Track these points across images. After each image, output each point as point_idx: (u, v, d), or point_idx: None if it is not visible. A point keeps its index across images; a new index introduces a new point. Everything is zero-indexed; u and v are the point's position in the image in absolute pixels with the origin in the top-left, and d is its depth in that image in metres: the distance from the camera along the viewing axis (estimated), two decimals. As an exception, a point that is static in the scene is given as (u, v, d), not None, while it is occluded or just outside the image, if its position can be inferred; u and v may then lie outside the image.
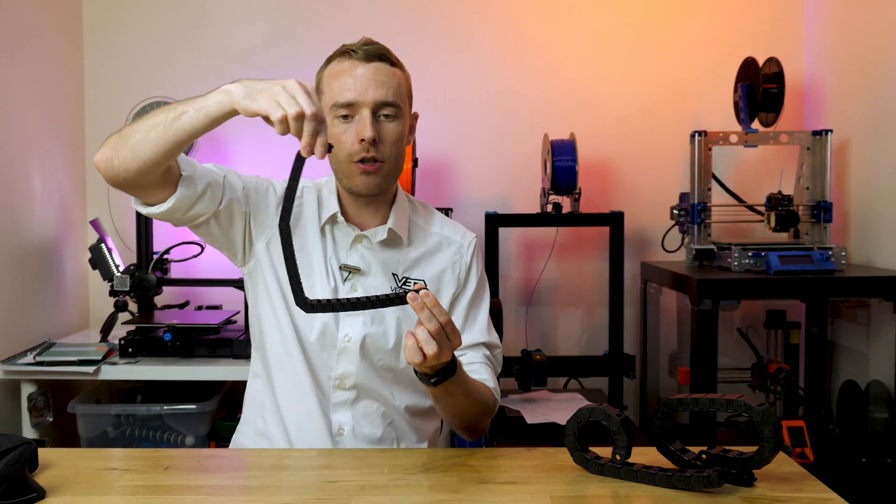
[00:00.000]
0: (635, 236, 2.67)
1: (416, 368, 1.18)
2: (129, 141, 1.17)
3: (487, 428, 1.39)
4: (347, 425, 1.37)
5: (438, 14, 2.68)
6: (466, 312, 1.42)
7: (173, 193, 1.25)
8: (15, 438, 1.07)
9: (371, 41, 1.34)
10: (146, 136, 1.16)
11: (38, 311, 2.34)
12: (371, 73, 1.30)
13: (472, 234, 1.49)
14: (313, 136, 1.07)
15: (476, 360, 1.38)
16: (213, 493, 1.09)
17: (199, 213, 1.30)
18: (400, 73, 1.35)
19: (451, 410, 1.28)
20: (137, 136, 1.16)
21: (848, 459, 2.23)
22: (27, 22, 2.29)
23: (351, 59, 1.31)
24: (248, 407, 1.46)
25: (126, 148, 1.17)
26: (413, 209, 1.46)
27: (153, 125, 1.15)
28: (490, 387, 1.36)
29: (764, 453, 1.05)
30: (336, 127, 1.31)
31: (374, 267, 1.38)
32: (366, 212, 1.39)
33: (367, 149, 1.29)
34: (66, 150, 2.54)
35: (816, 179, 2.35)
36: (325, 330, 1.35)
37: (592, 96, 2.69)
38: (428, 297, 1.09)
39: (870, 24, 2.35)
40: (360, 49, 1.32)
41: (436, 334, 1.09)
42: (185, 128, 1.14)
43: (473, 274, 1.45)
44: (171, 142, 1.15)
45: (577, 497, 1.07)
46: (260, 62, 2.64)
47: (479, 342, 1.41)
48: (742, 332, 2.51)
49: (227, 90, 1.12)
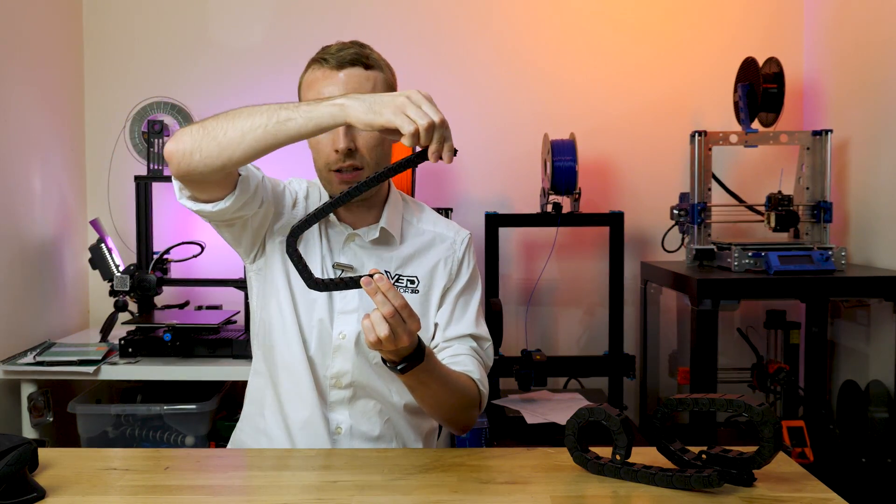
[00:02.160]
0: (635, 236, 2.67)
1: (381, 357, 1.18)
2: (217, 138, 1.15)
3: (474, 422, 1.37)
4: (345, 424, 1.37)
5: (438, 14, 2.68)
6: (454, 304, 1.41)
7: (230, 192, 1.24)
8: (15, 438, 1.06)
9: (345, 45, 1.32)
10: (242, 136, 1.14)
11: (38, 311, 2.34)
12: (342, 82, 1.29)
13: (467, 231, 1.49)
14: (442, 143, 1.08)
15: (462, 352, 1.37)
16: (213, 493, 1.09)
17: (245, 213, 1.30)
18: (376, 75, 1.33)
19: (428, 401, 1.28)
20: (230, 134, 1.14)
21: (848, 459, 2.23)
22: (27, 22, 2.29)
23: (323, 68, 1.31)
24: (248, 404, 1.46)
25: (213, 144, 1.15)
26: (406, 207, 1.47)
27: (251, 127, 1.14)
28: (475, 378, 1.34)
29: (764, 453, 1.05)
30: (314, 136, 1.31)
31: (367, 265, 1.38)
32: (357, 211, 1.40)
33: (342, 159, 1.30)
34: (66, 150, 2.54)
35: (816, 179, 2.35)
36: (321, 328, 1.35)
37: (592, 96, 2.69)
38: (382, 280, 1.09)
39: (870, 24, 2.35)
40: (332, 57, 1.31)
41: (389, 317, 1.09)
42: (291, 134, 1.13)
43: (465, 268, 1.45)
44: (269, 145, 1.15)
45: (577, 497, 1.07)
46: (260, 62, 2.64)
47: (466, 334, 1.40)
48: (742, 332, 2.51)
49: (342, 104, 1.10)
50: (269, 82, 2.63)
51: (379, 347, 1.12)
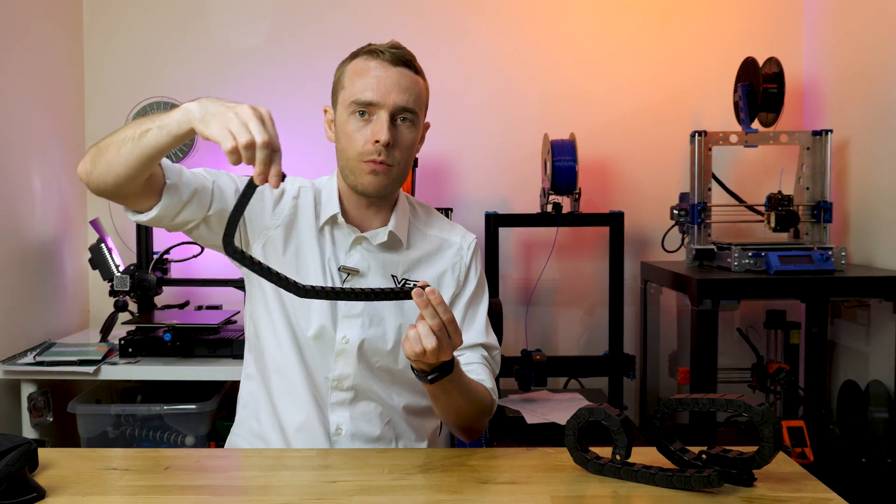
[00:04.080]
0: (635, 236, 2.67)
1: (413, 365, 1.18)
2: (104, 155, 1.18)
3: (485, 428, 1.39)
4: (345, 425, 1.37)
5: (438, 14, 2.68)
6: (464, 313, 1.42)
7: (159, 201, 1.26)
8: (15, 438, 1.07)
9: (399, 45, 1.34)
10: (118, 151, 1.16)
11: (38, 311, 2.34)
12: (395, 77, 1.30)
13: (473, 235, 1.49)
14: (266, 165, 1.04)
15: (474, 361, 1.38)
16: (213, 493, 1.09)
17: (187, 219, 1.30)
18: (422, 82, 1.35)
19: (448, 409, 1.28)
20: (111, 150, 1.16)
21: (848, 459, 2.23)
22: (27, 22, 2.29)
23: (377, 60, 1.31)
24: (241, 409, 1.46)
25: (101, 161, 1.18)
26: (413, 212, 1.46)
27: (123, 140, 1.15)
28: (488, 387, 1.35)
29: (764, 453, 1.05)
30: (351, 124, 1.31)
31: (373, 268, 1.38)
32: (367, 213, 1.39)
33: (379, 151, 1.29)
34: (66, 150, 2.54)
35: (816, 179, 2.35)
36: (323, 332, 1.35)
37: (592, 96, 2.69)
38: (434, 294, 1.10)
39: (870, 24, 2.35)
40: (387, 51, 1.32)
41: (437, 330, 1.10)
42: (152, 144, 1.14)
43: (473, 275, 1.45)
44: (139, 157, 1.15)
45: (577, 497, 1.07)
46: (260, 62, 2.64)
47: (477, 343, 1.41)
48: (742, 332, 2.51)
49: (188, 109, 1.12)
50: (269, 82, 2.63)
51: (421, 358, 1.13)
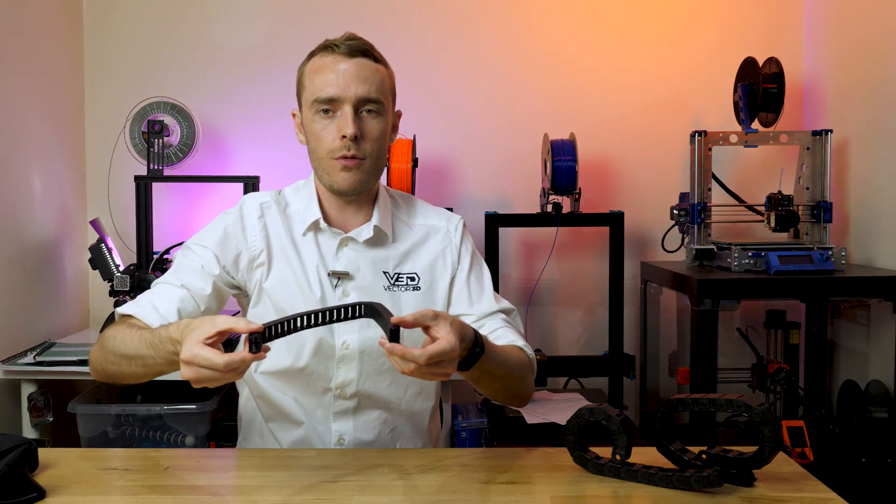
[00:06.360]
0: (635, 236, 2.67)
1: None
2: (110, 364, 1.22)
3: (532, 389, 1.35)
4: (349, 434, 1.36)
5: (438, 14, 2.67)
6: (468, 286, 1.40)
7: None
8: (15, 438, 1.07)
9: (354, 36, 1.32)
10: (129, 366, 1.18)
11: (38, 311, 2.34)
12: (354, 69, 1.28)
13: (458, 216, 1.48)
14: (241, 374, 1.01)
15: (497, 327, 1.36)
16: (213, 493, 1.09)
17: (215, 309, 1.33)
18: (383, 70, 1.33)
19: (491, 387, 1.26)
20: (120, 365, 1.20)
21: (848, 459, 2.23)
22: (27, 22, 2.29)
23: (333, 54, 1.30)
24: (244, 424, 1.47)
25: (110, 367, 1.22)
26: (395, 204, 1.45)
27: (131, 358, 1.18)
28: (520, 345, 1.33)
29: (764, 453, 1.05)
30: (316, 123, 1.30)
31: (363, 268, 1.36)
32: (348, 212, 1.38)
33: (347, 146, 1.28)
34: (66, 150, 2.54)
35: (816, 179, 2.35)
36: (321, 342, 1.33)
37: (592, 96, 2.69)
38: (395, 349, 1.02)
39: (870, 24, 2.35)
40: (342, 44, 1.30)
41: (413, 373, 1.04)
42: (160, 371, 1.16)
43: (465, 252, 1.44)
44: (151, 375, 1.18)
45: (577, 497, 1.07)
46: (260, 62, 2.64)
47: (493, 311, 1.39)
48: (742, 332, 2.51)
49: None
50: (269, 82, 2.63)
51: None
